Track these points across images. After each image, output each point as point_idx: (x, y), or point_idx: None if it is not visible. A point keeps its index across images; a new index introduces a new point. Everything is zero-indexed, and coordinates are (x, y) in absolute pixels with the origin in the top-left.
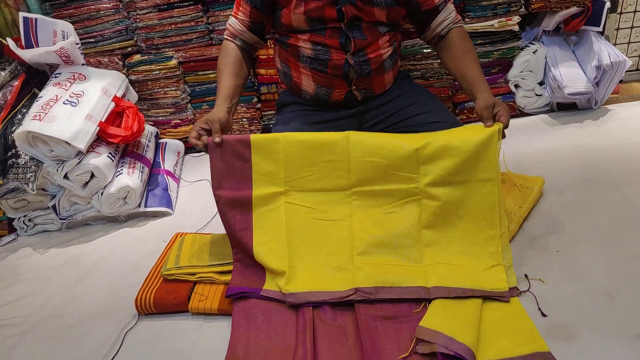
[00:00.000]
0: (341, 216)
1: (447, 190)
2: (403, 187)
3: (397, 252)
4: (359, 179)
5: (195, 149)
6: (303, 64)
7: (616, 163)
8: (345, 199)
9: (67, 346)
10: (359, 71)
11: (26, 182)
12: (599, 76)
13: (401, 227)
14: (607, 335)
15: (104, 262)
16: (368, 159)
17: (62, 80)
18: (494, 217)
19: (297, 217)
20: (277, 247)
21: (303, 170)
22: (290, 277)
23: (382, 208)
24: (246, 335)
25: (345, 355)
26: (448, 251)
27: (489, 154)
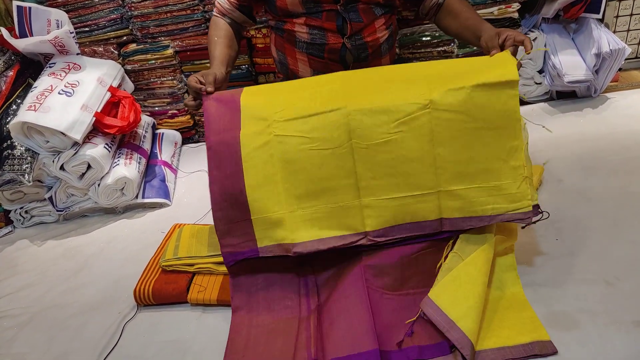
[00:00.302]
0: (339, 142)
1: (460, 96)
2: (409, 100)
3: (407, 181)
4: (356, 95)
5: (192, 139)
6: (299, 50)
7: (615, 151)
8: (341, 119)
9: (66, 337)
10: (356, 55)
11: (22, 174)
12: (599, 64)
13: (410, 149)
14: (607, 323)
15: (102, 253)
16: (364, 74)
17: (56, 70)
18: (516, 125)
19: (289, 151)
20: (272, 189)
21: (292, 97)
22: (292, 224)
23: (386, 127)
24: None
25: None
26: (466, 171)
27: (504, 58)
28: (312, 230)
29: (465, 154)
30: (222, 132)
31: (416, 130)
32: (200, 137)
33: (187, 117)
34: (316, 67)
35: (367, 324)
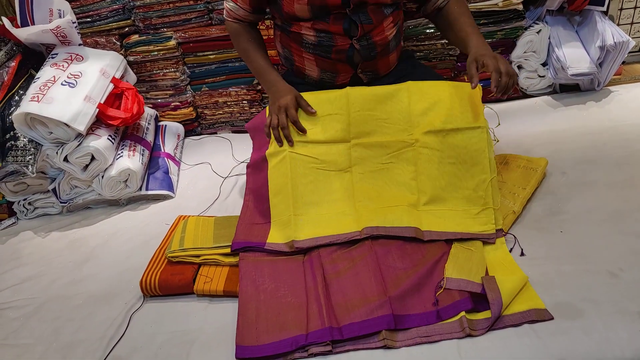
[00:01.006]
0: (342, 167)
1: (439, 138)
2: (399, 138)
3: (395, 200)
4: (358, 132)
5: (195, 131)
6: (306, 50)
7: (619, 144)
8: (345, 150)
9: (73, 327)
10: (365, 55)
11: (25, 165)
12: (603, 57)
13: (398, 176)
14: (611, 313)
15: (107, 245)
16: (366, 113)
17: (59, 60)
18: (484, 162)
19: (300, 167)
20: (284, 197)
21: (305, 124)
22: (296, 225)
23: (380, 159)
24: (255, 298)
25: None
26: (442, 196)
27: (475, 105)
28: (313, 231)
29: (441, 182)
30: (257, 151)
31: (404, 162)
32: (203, 130)
33: (190, 109)
34: (323, 66)
35: (380, 291)
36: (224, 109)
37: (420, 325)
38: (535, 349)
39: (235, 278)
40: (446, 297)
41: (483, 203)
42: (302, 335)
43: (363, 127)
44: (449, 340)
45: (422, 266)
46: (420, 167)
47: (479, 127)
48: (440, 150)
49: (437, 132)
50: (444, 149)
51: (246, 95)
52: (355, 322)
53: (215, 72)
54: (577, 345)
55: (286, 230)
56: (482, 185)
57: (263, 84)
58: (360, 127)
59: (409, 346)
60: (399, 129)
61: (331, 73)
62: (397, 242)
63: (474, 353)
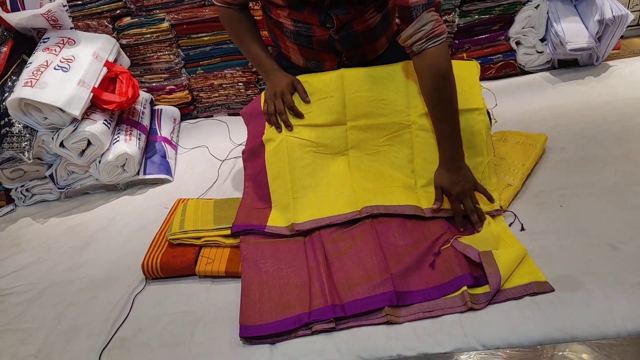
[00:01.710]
0: (339, 150)
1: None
2: (396, 120)
3: (392, 181)
4: (354, 114)
5: (191, 115)
6: (288, 39)
7: (618, 118)
8: (342, 133)
9: (76, 311)
10: (347, 45)
11: (22, 151)
12: (601, 31)
13: (395, 158)
14: (611, 284)
15: (107, 229)
16: (362, 94)
17: (51, 45)
18: (481, 144)
19: (297, 151)
20: (282, 181)
21: (301, 108)
22: (295, 208)
23: (377, 141)
24: (257, 279)
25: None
26: None
27: (473, 86)
28: (312, 213)
29: (436, 164)
30: (252, 137)
31: (400, 144)
32: (199, 113)
33: (185, 93)
34: (307, 55)
35: (382, 268)
36: (219, 92)
37: (422, 301)
38: (537, 321)
39: (237, 259)
40: (447, 273)
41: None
42: (305, 314)
43: (359, 109)
44: (452, 315)
45: (423, 243)
46: (416, 149)
47: (477, 109)
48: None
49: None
50: None
51: (242, 78)
52: (358, 299)
53: (209, 54)
54: (578, 316)
55: (286, 214)
56: (479, 168)
57: (260, 72)
58: (356, 109)
59: (412, 321)
60: (395, 110)
61: (316, 62)
62: (397, 220)
63: (477, 326)
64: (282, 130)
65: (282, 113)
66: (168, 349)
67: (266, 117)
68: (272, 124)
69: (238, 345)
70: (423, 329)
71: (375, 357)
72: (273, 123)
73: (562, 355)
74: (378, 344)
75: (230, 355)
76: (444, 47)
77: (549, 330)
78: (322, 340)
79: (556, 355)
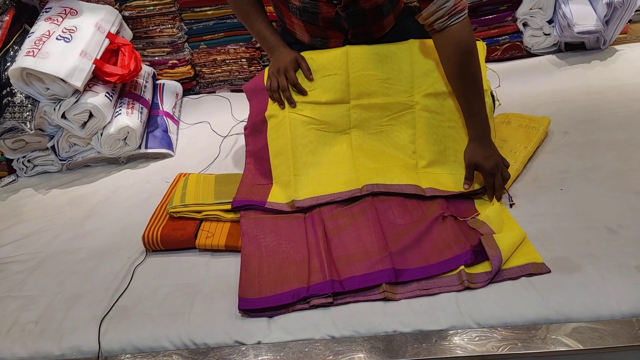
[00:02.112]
0: (341, 129)
1: (440, 101)
2: (400, 100)
3: (393, 162)
4: (358, 92)
5: (193, 90)
6: (294, 15)
7: (622, 103)
8: (345, 112)
9: (77, 280)
10: (353, 22)
11: (23, 122)
12: (609, 14)
13: (397, 139)
14: (609, 267)
15: (108, 201)
16: (367, 72)
17: (53, 15)
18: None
19: (300, 128)
20: (284, 157)
21: (304, 85)
22: (296, 185)
23: (379, 121)
24: (257, 253)
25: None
26: (440, 160)
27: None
28: (313, 190)
29: (440, 146)
30: (255, 113)
31: (403, 125)
32: (201, 89)
33: (188, 68)
34: (312, 32)
35: (380, 246)
36: (222, 68)
37: (420, 278)
38: (533, 301)
39: (237, 233)
40: (446, 251)
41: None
42: (304, 288)
43: (363, 87)
44: (448, 293)
45: (422, 222)
46: (419, 130)
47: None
48: (440, 113)
49: (437, 95)
50: (444, 112)
51: (245, 53)
52: (356, 276)
53: (213, 28)
54: (574, 297)
55: (287, 191)
56: None
57: (264, 48)
58: (360, 87)
59: (409, 298)
60: (399, 89)
61: (322, 39)
62: (397, 198)
63: (472, 304)
64: (285, 107)
65: (285, 90)
66: (167, 319)
67: (269, 94)
68: (275, 101)
69: (236, 317)
70: (419, 306)
71: (371, 333)
72: (276, 99)
73: (555, 337)
74: (374, 320)
75: (228, 327)
76: (467, 23)
77: (544, 311)
78: (319, 315)
79: (549, 337)
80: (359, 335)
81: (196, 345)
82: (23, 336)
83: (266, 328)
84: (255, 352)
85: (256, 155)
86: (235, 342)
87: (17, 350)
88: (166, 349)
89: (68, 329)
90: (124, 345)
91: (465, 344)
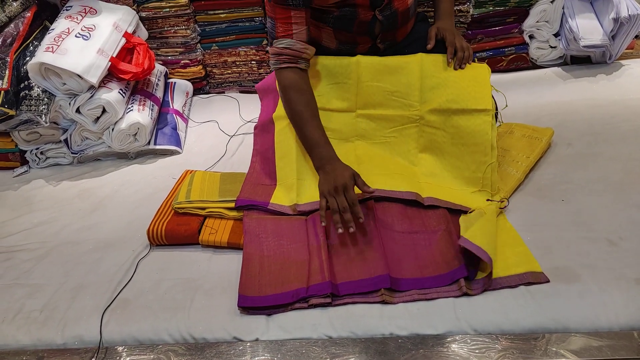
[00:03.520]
0: (346, 136)
1: (444, 117)
2: (405, 114)
3: (395, 172)
4: (364, 103)
5: (203, 90)
6: (325, 24)
7: (627, 117)
8: (350, 120)
9: (82, 271)
10: (387, 25)
11: (39, 114)
12: (616, 29)
13: (400, 150)
14: (607, 279)
15: (116, 195)
16: (375, 84)
17: (73, 13)
18: (486, 145)
19: None
20: (288, 161)
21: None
22: (299, 189)
23: (383, 132)
24: (259, 252)
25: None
26: (441, 175)
27: (482, 87)
28: (314, 194)
29: (442, 162)
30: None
31: (406, 138)
32: (211, 89)
33: (199, 68)
34: (342, 39)
35: (379, 253)
36: (232, 69)
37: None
38: (530, 310)
39: (239, 231)
40: (443, 265)
41: (481, 185)
42: (303, 289)
43: (370, 98)
44: (446, 298)
45: (421, 233)
46: (421, 145)
47: (485, 110)
48: (444, 130)
49: (442, 111)
50: (447, 128)
51: (255, 56)
52: (354, 281)
53: (225, 31)
54: (572, 308)
55: (289, 194)
56: (482, 167)
57: (313, 157)
58: (367, 98)
59: (407, 302)
60: (405, 103)
61: (350, 45)
62: (398, 205)
63: (470, 310)
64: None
65: (346, 211)
66: (168, 313)
67: (322, 213)
68: (336, 223)
69: (235, 314)
70: (417, 310)
71: (367, 335)
72: (337, 221)
73: (554, 348)
74: (371, 322)
75: (227, 323)
76: None
77: (541, 319)
78: (317, 315)
79: (549, 350)
80: (355, 337)
81: (195, 339)
82: (27, 323)
83: (264, 326)
84: (252, 350)
85: (263, 155)
86: (233, 339)
87: (21, 337)
88: (166, 342)
89: (71, 318)
90: (124, 337)
91: (464, 352)
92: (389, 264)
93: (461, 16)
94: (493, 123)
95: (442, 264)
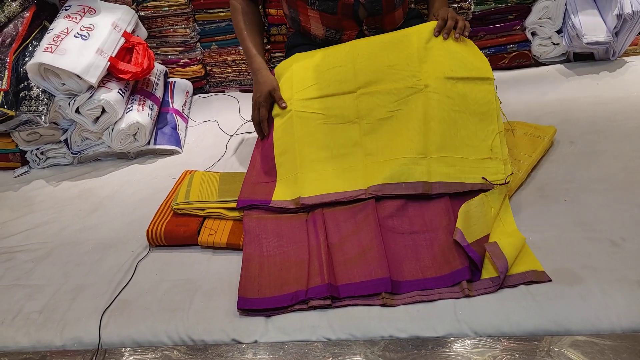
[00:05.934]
0: (349, 119)
1: (449, 85)
2: (407, 85)
3: (403, 148)
4: (365, 81)
5: (203, 89)
6: (311, 7)
7: (630, 115)
8: (352, 101)
9: (82, 271)
10: (370, 9)
11: (39, 115)
12: (619, 26)
13: (407, 123)
14: (610, 281)
15: (116, 195)
16: (373, 60)
17: (72, 13)
18: (492, 112)
19: (306, 124)
20: (291, 156)
21: (310, 80)
22: (303, 182)
23: (388, 106)
24: (258, 253)
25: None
26: (452, 143)
27: (481, 57)
28: (319, 187)
29: (451, 130)
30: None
31: (412, 109)
32: (211, 88)
33: (199, 67)
34: (328, 23)
35: (380, 255)
36: (232, 68)
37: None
38: (531, 311)
39: (239, 231)
40: (444, 266)
41: (492, 152)
42: (302, 291)
43: (370, 76)
44: (446, 300)
45: (422, 233)
46: (430, 112)
47: (487, 79)
48: (450, 97)
49: (447, 79)
50: (453, 96)
51: None
52: (354, 283)
53: (225, 30)
54: (574, 309)
55: (292, 188)
56: (491, 136)
57: (249, 69)
58: (366, 76)
59: (407, 304)
60: (407, 75)
61: (337, 31)
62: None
63: (470, 313)
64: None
65: (257, 124)
66: (167, 314)
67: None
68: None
69: (234, 315)
70: (417, 312)
71: (367, 337)
72: (257, 132)
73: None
74: (371, 324)
75: (226, 324)
76: None
77: (542, 321)
78: (317, 317)
79: (552, 351)
80: (355, 339)
81: (194, 341)
82: (27, 325)
83: (263, 327)
84: (253, 351)
85: (262, 153)
86: (232, 340)
87: (20, 338)
88: (164, 344)
89: (70, 320)
90: (123, 339)
91: (465, 353)
92: (390, 267)
93: (462, 13)
94: (495, 93)
95: (443, 265)
